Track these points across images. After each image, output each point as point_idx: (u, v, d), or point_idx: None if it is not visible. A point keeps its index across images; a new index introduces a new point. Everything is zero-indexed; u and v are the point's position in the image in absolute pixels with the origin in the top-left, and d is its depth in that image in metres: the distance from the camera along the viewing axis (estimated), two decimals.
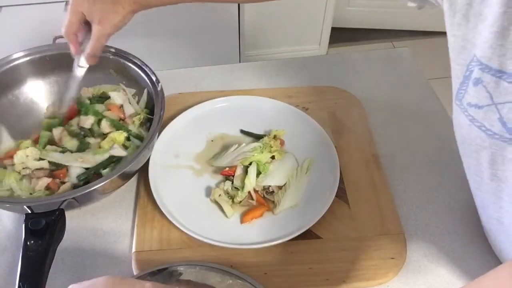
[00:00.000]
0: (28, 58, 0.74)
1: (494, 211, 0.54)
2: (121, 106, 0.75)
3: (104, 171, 0.64)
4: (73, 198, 0.58)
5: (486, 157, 0.47)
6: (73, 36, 0.67)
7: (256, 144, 0.72)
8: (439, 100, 0.85)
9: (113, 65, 0.76)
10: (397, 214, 0.66)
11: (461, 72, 0.47)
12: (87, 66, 0.70)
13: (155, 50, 1.55)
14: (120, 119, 0.74)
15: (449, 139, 0.78)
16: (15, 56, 0.74)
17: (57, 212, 0.56)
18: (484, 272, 0.61)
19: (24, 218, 0.55)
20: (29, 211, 0.57)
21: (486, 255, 0.63)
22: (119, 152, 0.67)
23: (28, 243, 0.53)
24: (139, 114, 0.73)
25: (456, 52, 0.48)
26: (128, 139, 0.70)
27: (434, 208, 0.68)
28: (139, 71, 0.74)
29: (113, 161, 0.67)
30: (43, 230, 0.54)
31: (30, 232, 0.54)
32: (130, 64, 0.74)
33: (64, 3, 1.37)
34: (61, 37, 0.77)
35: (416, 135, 0.79)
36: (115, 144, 0.68)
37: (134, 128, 0.72)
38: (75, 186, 0.64)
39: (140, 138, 0.71)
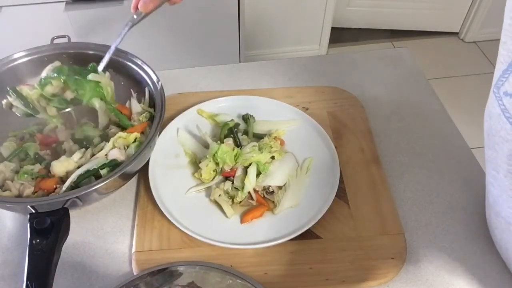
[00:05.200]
0: (27, 59, 0.74)
1: (503, 209, 0.53)
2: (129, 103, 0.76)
3: (102, 171, 0.64)
4: (77, 197, 0.58)
5: (506, 151, 0.48)
6: None
7: (256, 144, 0.72)
8: (439, 100, 0.85)
9: (113, 64, 0.76)
10: (397, 214, 0.66)
11: (508, 58, 0.47)
12: (140, 18, 0.71)
13: (155, 50, 1.55)
14: (128, 117, 0.74)
15: (449, 139, 0.78)
16: (15, 56, 0.74)
17: (61, 211, 0.56)
18: (483, 272, 0.61)
19: (28, 217, 0.55)
20: (33, 211, 0.56)
21: (486, 255, 0.63)
22: (117, 155, 0.66)
23: (34, 242, 0.53)
24: (145, 112, 0.73)
25: (509, 36, 0.47)
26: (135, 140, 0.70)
27: (434, 208, 0.68)
28: (139, 71, 0.74)
29: (114, 163, 0.66)
30: (49, 229, 0.54)
31: (35, 231, 0.54)
32: (130, 64, 0.74)
33: (64, 3, 1.37)
34: (60, 37, 0.77)
35: (416, 135, 0.79)
36: (115, 148, 0.68)
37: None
38: (73, 187, 0.64)
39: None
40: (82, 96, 0.70)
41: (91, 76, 0.70)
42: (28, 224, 0.55)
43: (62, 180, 0.65)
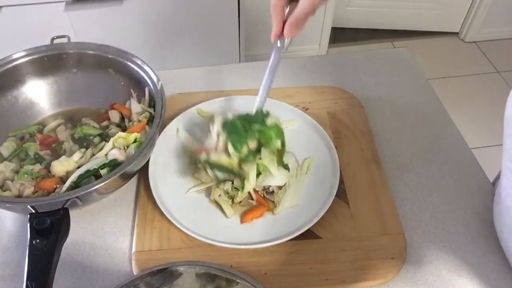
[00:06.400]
0: (27, 59, 0.74)
1: None
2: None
3: (102, 171, 0.64)
4: (77, 197, 0.58)
5: None
6: (280, 9, 0.60)
7: None
8: (439, 100, 0.85)
9: (113, 64, 0.76)
10: (397, 214, 0.66)
11: None
12: (287, 45, 0.64)
13: (155, 50, 1.56)
14: (128, 118, 0.75)
15: (449, 139, 0.78)
16: (14, 56, 0.74)
17: (61, 211, 0.56)
18: (484, 272, 0.61)
19: (28, 217, 0.55)
20: (33, 211, 0.56)
21: (486, 255, 0.63)
22: (117, 155, 0.66)
23: (34, 242, 0.53)
24: (145, 112, 0.74)
25: None
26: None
27: (434, 208, 0.68)
28: (139, 71, 0.74)
29: (114, 163, 0.66)
30: (49, 229, 0.54)
31: (36, 232, 0.54)
32: (130, 64, 0.74)
33: (64, 3, 1.37)
34: (60, 37, 0.77)
35: (416, 135, 0.79)
36: (115, 148, 0.68)
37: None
38: (73, 187, 0.64)
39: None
40: (267, 143, 0.64)
41: (269, 122, 0.65)
42: (28, 224, 0.55)
43: (62, 180, 0.65)
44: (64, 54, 0.75)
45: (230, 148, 0.62)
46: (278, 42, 0.64)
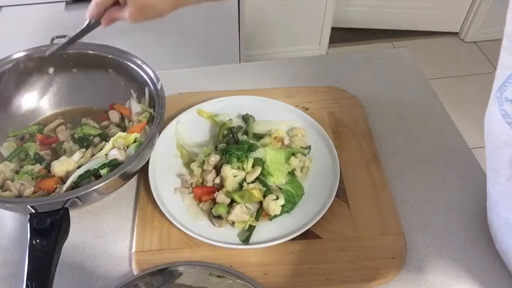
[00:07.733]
0: (27, 59, 0.74)
1: (504, 212, 0.54)
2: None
3: (102, 171, 0.64)
4: (77, 197, 0.58)
5: (508, 156, 0.48)
6: (102, 11, 0.68)
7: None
8: (439, 100, 0.85)
9: (113, 64, 0.76)
10: (397, 214, 0.66)
11: None
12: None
13: (155, 50, 1.55)
14: (128, 118, 0.75)
15: (449, 139, 0.78)
16: (14, 56, 0.73)
17: (61, 211, 0.56)
18: (483, 272, 0.61)
19: (28, 217, 0.55)
20: (33, 211, 0.56)
21: (486, 255, 0.63)
22: (117, 155, 0.66)
23: (34, 242, 0.53)
24: (145, 112, 0.73)
25: None
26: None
27: (434, 208, 0.68)
28: (139, 71, 0.74)
29: (114, 163, 0.66)
30: (49, 229, 0.54)
31: (36, 232, 0.54)
32: (130, 64, 0.74)
33: (64, 3, 1.37)
34: (60, 37, 0.77)
35: (416, 135, 0.79)
36: (115, 148, 0.68)
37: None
38: (73, 187, 0.64)
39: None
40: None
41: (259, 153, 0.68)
42: (28, 224, 0.55)
43: (62, 180, 0.65)
44: (64, 54, 0.75)
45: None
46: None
